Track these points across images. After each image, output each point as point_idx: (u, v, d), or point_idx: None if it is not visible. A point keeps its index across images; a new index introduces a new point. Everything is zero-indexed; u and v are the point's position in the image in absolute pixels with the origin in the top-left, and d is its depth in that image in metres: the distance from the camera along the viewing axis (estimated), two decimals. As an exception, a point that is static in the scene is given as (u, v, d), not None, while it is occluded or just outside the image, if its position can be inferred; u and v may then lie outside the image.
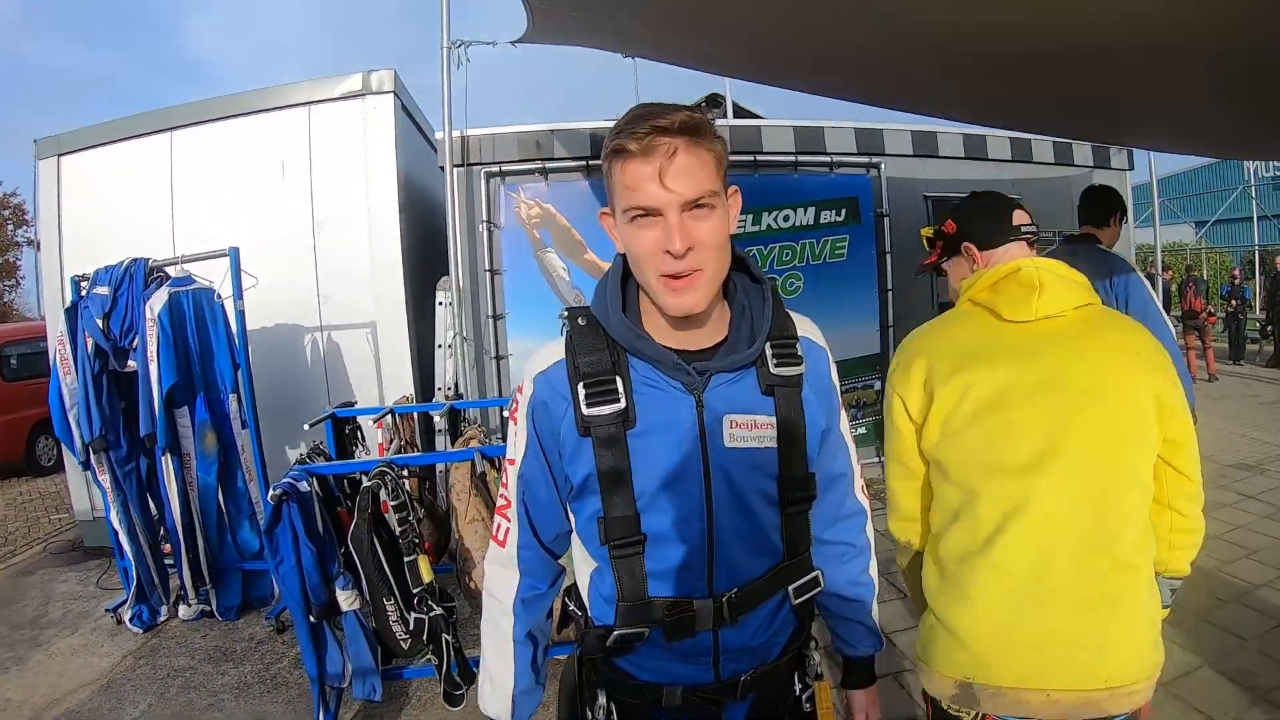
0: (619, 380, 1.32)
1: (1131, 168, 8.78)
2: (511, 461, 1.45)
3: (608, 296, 1.37)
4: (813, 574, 1.46)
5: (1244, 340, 15.61)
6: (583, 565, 1.45)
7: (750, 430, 1.33)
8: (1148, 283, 3.73)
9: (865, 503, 1.62)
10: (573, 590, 1.53)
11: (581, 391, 1.31)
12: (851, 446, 1.58)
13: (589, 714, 1.44)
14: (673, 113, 1.19)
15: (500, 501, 1.51)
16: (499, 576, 1.51)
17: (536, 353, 1.43)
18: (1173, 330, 4.09)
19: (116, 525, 4.91)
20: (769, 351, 1.36)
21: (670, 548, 1.33)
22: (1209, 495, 5.26)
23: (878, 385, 7.08)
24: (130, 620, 4.89)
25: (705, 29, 3.56)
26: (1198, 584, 4.69)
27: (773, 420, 1.34)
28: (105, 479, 4.87)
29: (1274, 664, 3.82)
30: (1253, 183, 23.46)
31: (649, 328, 1.35)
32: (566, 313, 1.42)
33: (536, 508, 1.45)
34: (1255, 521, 5.91)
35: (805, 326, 1.46)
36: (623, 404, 1.30)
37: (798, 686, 1.50)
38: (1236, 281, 15.95)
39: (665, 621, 1.33)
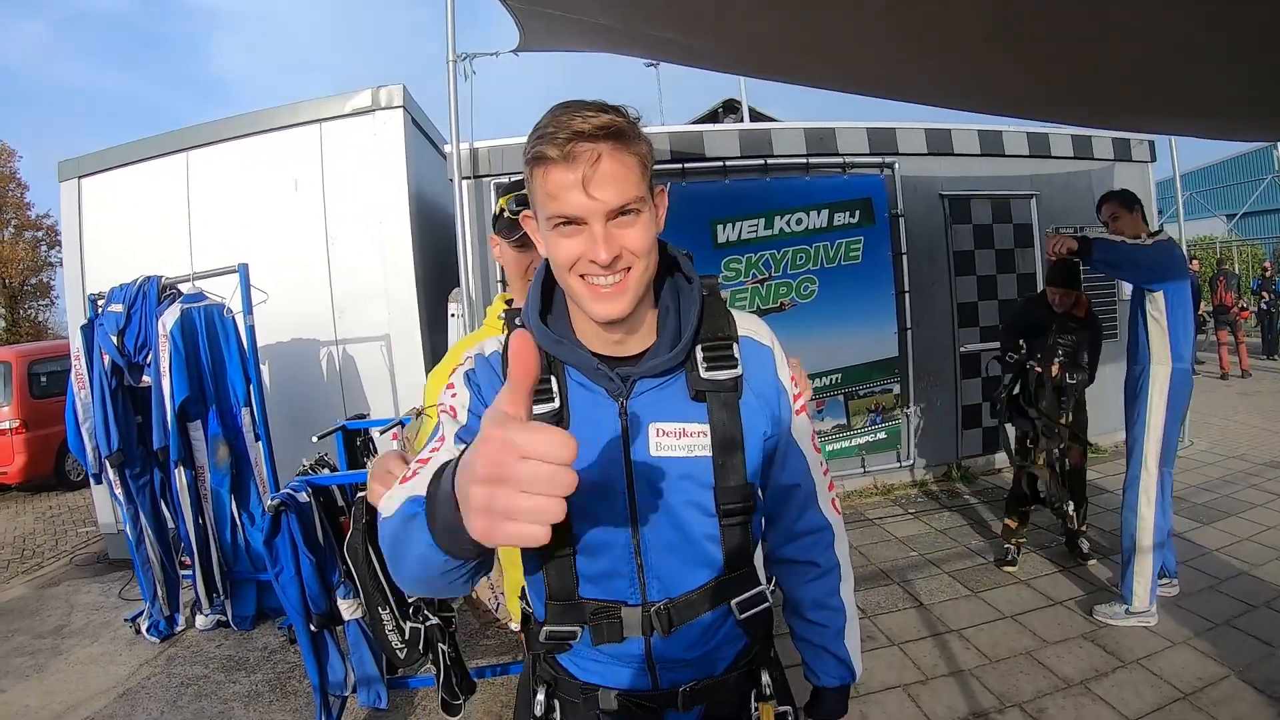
0: (554, 381, 1.30)
1: (1154, 160, 8.56)
2: (452, 412, 1.31)
3: (530, 302, 1.35)
4: (758, 588, 1.39)
5: (1277, 335, 15.31)
6: (525, 562, 1.41)
7: (679, 439, 1.28)
8: None
9: (832, 518, 1.52)
10: (524, 590, 1.50)
11: None
12: (813, 456, 1.49)
13: (532, 710, 1.41)
14: (594, 114, 1.14)
15: (425, 452, 1.23)
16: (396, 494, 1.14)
17: (470, 335, 1.40)
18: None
19: (132, 537, 5.01)
20: (699, 355, 1.32)
21: (598, 554, 1.30)
22: (1242, 497, 5.24)
23: (895, 389, 7.03)
24: (147, 630, 4.97)
25: (696, 22, 3.52)
26: (1225, 588, 4.63)
27: (705, 428, 1.29)
28: (119, 492, 4.97)
29: None
30: None
31: (579, 332, 1.32)
32: (504, 314, 1.40)
33: None
34: None
35: (749, 325, 1.41)
36: (556, 404, 1.28)
37: (754, 706, 1.44)
38: (1268, 274, 15.58)
39: (592, 625, 1.31)
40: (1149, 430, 4.19)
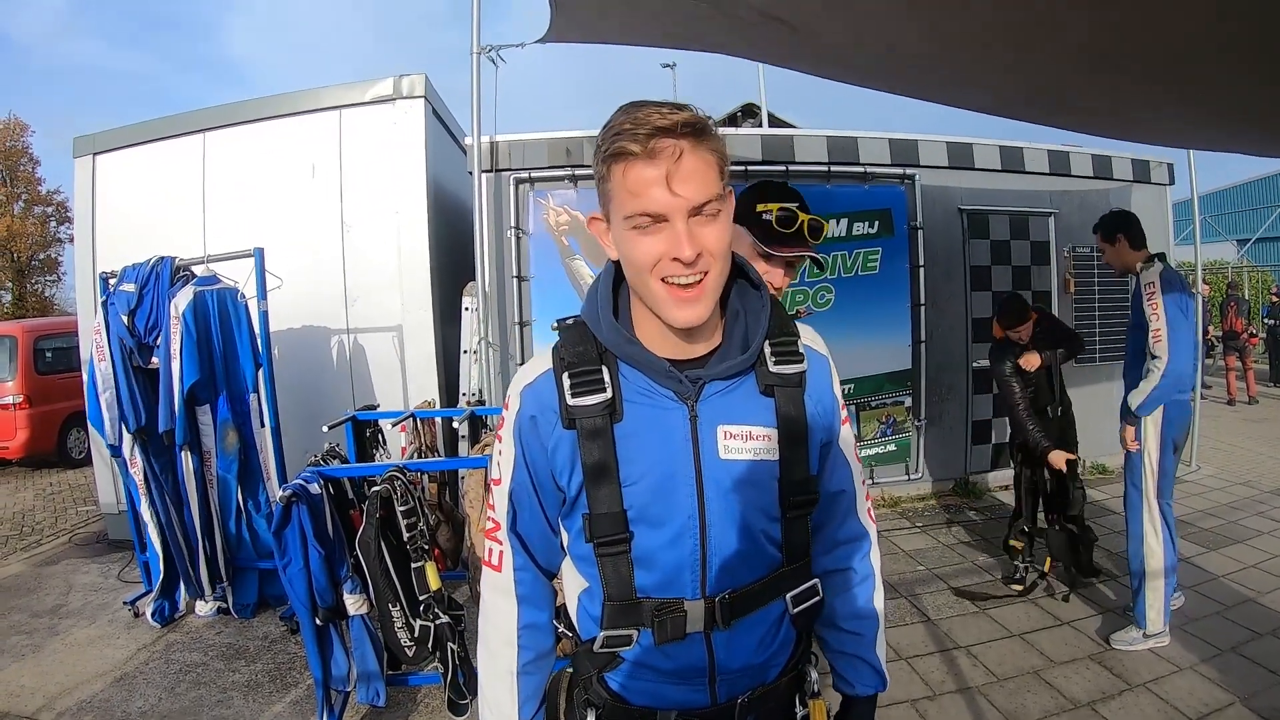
0: (605, 370, 1.28)
1: (1172, 182, 8.54)
2: (497, 481, 1.41)
3: (599, 302, 1.33)
4: (811, 582, 1.41)
5: (1287, 362, 15.25)
6: (573, 586, 1.41)
7: (745, 441, 1.28)
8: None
9: (870, 526, 1.54)
10: (561, 611, 1.50)
11: (566, 381, 1.28)
12: (855, 466, 1.50)
13: None
14: (674, 111, 1.14)
15: (489, 524, 1.45)
16: (497, 605, 1.45)
17: (524, 366, 1.39)
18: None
19: (148, 518, 4.94)
20: (768, 350, 1.32)
21: (660, 552, 1.28)
22: (1248, 524, 5.23)
23: (908, 402, 7.01)
24: (152, 615, 4.92)
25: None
26: (1232, 615, 4.61)
27: (770, 431, 1.30)
28: (138, 472, 4.90)
29: None
30: None
31: (641, 336, 1.30)
32: (558, 321, 1.38)
33: (527, 528, 1.41)
34: None
35: (808, 335, 1.41)
36: (609, 393, 1.27)
37: (799, 711, 1.44)
38: (1277, 300, 15.57)
39: (654, 623, 1.28)
40: (1147, 458, 4.18)
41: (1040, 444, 4.77)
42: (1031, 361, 4.81)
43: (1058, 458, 4.70)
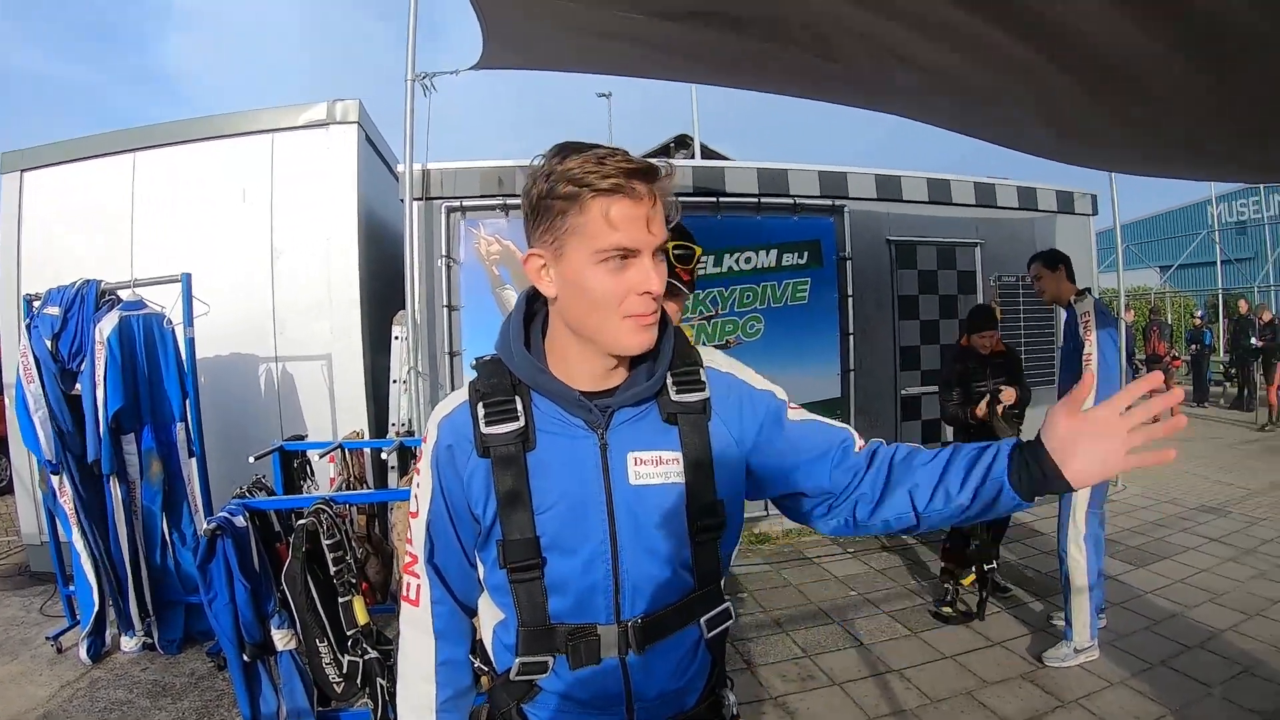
0: (518, 400, 1.34)
1: (1095, 212, 8.85)
2: (414, 514, 1.44)
3: (511, 335, 1.39)
4: (724, 605, 1.42)
5: (1208, 383, 15.94)
6: (489, 618, 1.43)
7: (655, 467, 1.34)
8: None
9: (873, 442, 1.45)
10: (478, 646, 1.51)
11: (481, 411, 1.33)
12: (826, 422, 1.45)
13: None
14: (639, 160, 1.22)
15: (406, 558, 1.48)
16: (414, 641, 1.48)
17: (443, 400, 1.43)
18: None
19: (80, 549, 4.82)
20: (670, 381, 1.38)
21: (573, 578, 1.32)
22: (1174, 540, 5.46)
23: (838, 428, 7.07)
24: (86, 650, 4.77)
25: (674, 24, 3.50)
26: (1160, 629, 4.78)
27: (677, 455, 1.35)
28: (68, 501, 4.80)
29: (1240, 713, 3.83)
30: (1216, 227, 23.98)
31: (557, 368, 1.36)
32: (476, 359, 1.44)
33: (445, 560, 1.44)
34: (1219, 565, 5.99)
35: (710, 357, 1.46)
36: (521, 422, 1.32)
37: None
38: (1199, 324, 16.25)
39: (568, 648, 1.32)
40: None
41: (957, 415, 5.04)
42: (1009, 395, 4.91)
43: (980, 409, 4.89)
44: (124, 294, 4.91)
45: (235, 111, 6.43)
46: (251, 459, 4.32)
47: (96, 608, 4.86)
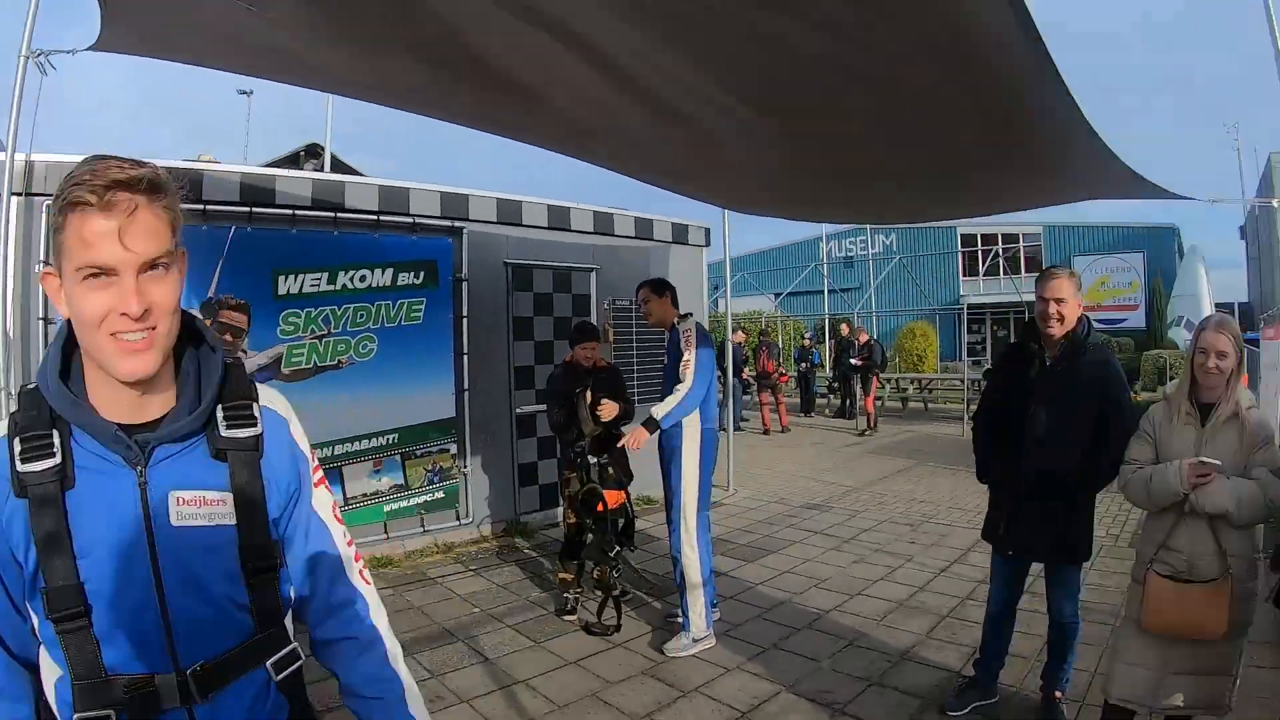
0: (56, 435, 1.21)
1: (708, 244, 9.73)
2: None
3: (48, 364, 1.27)
4: (290, 646, 1.38)
5: (813, 396, 18.26)
6: (49, 675, 1.27)
7: (200, 507, 1.27)
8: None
9: (363, 589, 1.51)
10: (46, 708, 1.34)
11: (17, 446, 1.20)
12: (337, 527, 1.49)
13: None
14: (134, 167, 1.15)
15: None
16: None
17: None
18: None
19: None
20: (220, 415, 1.32)
21: (123, 625, 1.22)
22: (782, 535, 6.07)
23: (453, 449, 7.17)
24: None
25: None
26: (771, 616, 5.29)
27: (226, 495, 1.29)
28: None
29: (848, 680, 4.33)
30: (825, 261, 28.07)
31: (95, 400, 1.25)
32: (21, 386, 1.30)
33: None
34: (822, 554, 6.75)
35: (268, 396, 1.42)
36: (58, 459, 1.20)
37: None
38: (807, 345, 18.71)
39: (126, 700, 1.21)
40: (685, 483, 4.83)
41: (560, 422, 5.29)
42: (609, 410, 5.11)
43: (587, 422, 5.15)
44: None
45: None
46: None
47: None
